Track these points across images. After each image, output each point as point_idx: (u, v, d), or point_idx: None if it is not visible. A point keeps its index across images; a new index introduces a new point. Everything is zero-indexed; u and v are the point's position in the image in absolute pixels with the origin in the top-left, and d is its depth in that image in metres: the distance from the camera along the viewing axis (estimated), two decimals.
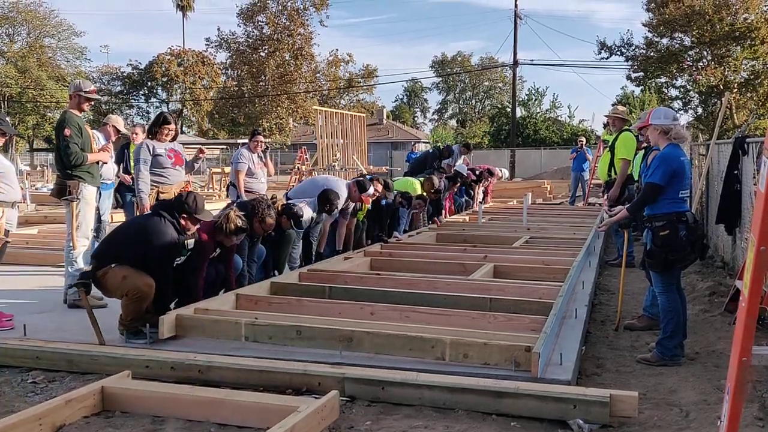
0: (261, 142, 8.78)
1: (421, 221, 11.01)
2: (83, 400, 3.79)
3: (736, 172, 7.75)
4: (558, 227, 11.04)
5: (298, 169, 23.34)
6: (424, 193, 10.48)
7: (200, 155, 7.68)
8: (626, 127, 8.81)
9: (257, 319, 4.91)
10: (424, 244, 9.22)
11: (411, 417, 3.78)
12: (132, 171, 8.30)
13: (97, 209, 7.54)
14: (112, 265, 4.99)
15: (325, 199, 7.46)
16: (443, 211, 12.16)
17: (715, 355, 5.04)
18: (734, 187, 7.74)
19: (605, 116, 12.07)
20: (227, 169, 25.94)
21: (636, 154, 8.41)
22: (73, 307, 6.02)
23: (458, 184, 13.08)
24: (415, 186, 10.50)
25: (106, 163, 6.71)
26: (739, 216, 7.65)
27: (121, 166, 8.59)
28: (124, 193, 8.29)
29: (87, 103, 6.40)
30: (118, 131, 7.86)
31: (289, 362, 4.32)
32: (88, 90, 6.30)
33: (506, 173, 16.40)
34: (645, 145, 8.96)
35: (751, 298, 2.12)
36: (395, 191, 9.46)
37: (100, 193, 6.76)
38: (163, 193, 6.77)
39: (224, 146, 50.89)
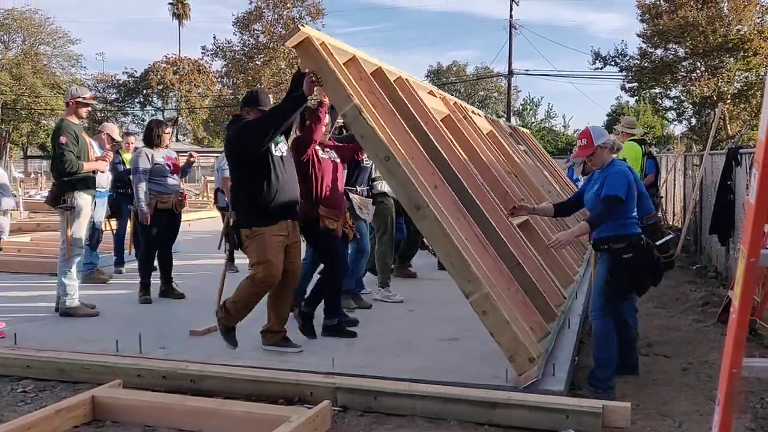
0: None
1: None
2: (73, 409, 3.77)
3: (729, 182, 7.80)
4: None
5: None
6: None
7: (191, 160, 7.63)
8: (631, 138, 8.86)
9: (363, 107, 4.50)
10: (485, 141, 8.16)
11: (403, 427, 3.77)
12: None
13: (91, 217, 7.52)
14: (255, 229, 4.65)
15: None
16: None
17: (708, 365, 5.05)
18: (727, 198, 7.78)
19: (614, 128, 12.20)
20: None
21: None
22: (65, 316, 5.99)
23: None
24: None
25: (102, 172, 6.65)
26: (732, 226, 7.68)
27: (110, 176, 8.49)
28: (122, 203, 8.17)
29: (84, 110, 6.32)
30: (112, 139, 7.84)
31: (281, 372, 4.31)
32: (85, 96, 6.23)
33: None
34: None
35: (741, 309, 2.12)
36: None
37: (95, 202, 6.71)
38: (162, 203, 6.72)
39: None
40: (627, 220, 4.43)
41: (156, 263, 6.96)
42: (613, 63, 29.33)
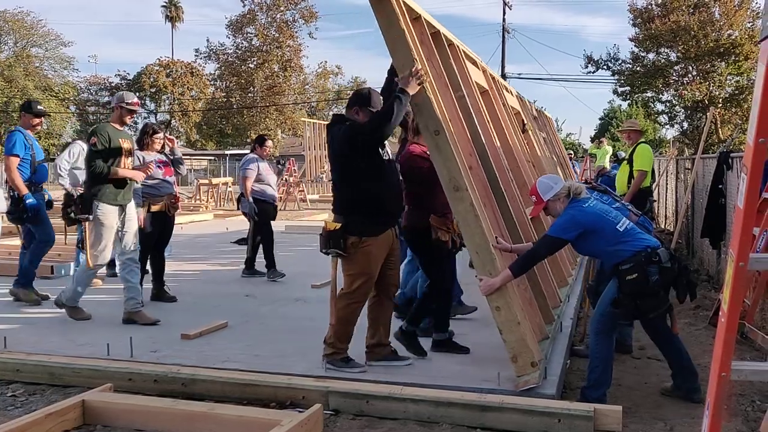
0: (269, 147, 8.55)
1: None
2: (64, 413, 3.74)
3: (720, 186, 7.83)
4: None
5: (286, 180, 23.26)
6: None
7: (170, 145, 7.37)
8: (642, 140, 8.86)
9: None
10: (513, 124, 7.88)
11: (395, 430, 3.76)
12: None
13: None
14: (365, 239, 4.34)
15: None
16: None
17: (700, 368, 5.03)
18: (719, 201, 7.81)
19: (619, 131, 12.08)
20: (215, 181, 25.81)
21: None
22: (59, 306, 5.86)
23: None
24: None
25: (137, 182, 6.17)
26: (723, 230, 7.71)
27: None
28: None
29: (129, 116, 6.06)
30: None
31: (273, 375, 4.30)
32: (130, 102, 5.99)
33: None
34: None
35: (731, 313, 2.13)
36: None
37: (124, 212, 6.03)
38: (153, 205, 6.67)
39: (212, 157, 50.75)
40: (617, 246, 4.22)
41: (148, 266, 6.93)
42: (605, 67, 29.40)
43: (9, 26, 46.52)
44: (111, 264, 8.37)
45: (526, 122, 9.16)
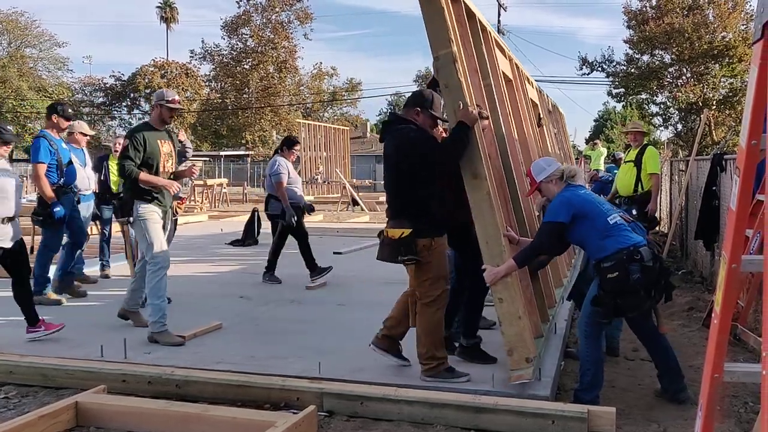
0: (296, 151, 8.35)
1: None
2: (57, 415, 3.73)
3: (714, 188, 7.85)
4: None
5: None
6: None
7: (180, 138, 7.08)
8: (646, 141, 8.81)
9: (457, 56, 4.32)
10: (531, 116, 7.91)
11: None
12: (112, 184, 8.15)
13: (78, 219, 7.41)
14: (441, 240, 4.33)
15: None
16: None
17: (693, 370, 5.07)
18: (712, 203, 7.83)
19: (624, 132, 12.03)
20: (210, 182, 25.77)
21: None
22: (153, 342, 5.25)
23: None
24: None
25: (168, 190, 5.63)
26: (717, 232, 7.74)
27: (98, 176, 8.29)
28: (102, 208, 8.09)
29: (170, 115, 5.65)
30: (84, 134, 7.73)
31: (267, 377, 4.29)
32: (170, 99, 5.62)
33: None
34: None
35: (723, 315, 2.14)
36: None
37: (166, 214, 5.77)
38: None
39: (207, 158, 50.67)
40: (604, 239, 4.18)
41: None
42: (599, 69, 29.54)
43: (3, 26, 46.38)
44: (105, 265, 8.34)
45: (541, 116, 9.18)
